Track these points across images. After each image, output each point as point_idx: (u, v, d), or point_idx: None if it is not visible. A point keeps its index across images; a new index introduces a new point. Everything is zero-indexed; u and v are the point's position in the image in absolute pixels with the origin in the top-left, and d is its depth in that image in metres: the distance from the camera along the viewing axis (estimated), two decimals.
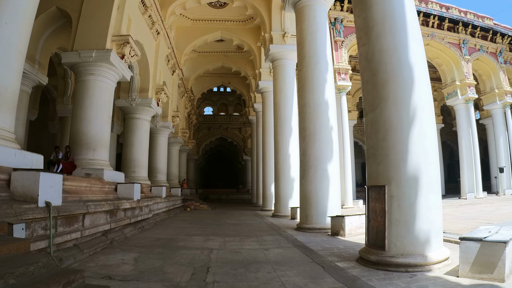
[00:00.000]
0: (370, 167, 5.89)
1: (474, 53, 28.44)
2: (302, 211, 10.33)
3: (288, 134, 15.61)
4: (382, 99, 5.74)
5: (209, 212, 18.74)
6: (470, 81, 27.36)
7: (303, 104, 10.82)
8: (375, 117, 5.81)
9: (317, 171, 10.02)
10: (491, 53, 29.32)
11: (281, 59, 16.74)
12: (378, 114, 5.74)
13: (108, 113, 11.27)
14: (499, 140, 28.77)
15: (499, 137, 28.78)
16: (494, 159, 29.74)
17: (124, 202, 9.01)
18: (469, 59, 28.12)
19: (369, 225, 5.90)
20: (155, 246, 7.49)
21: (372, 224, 5.75)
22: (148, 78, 15.75)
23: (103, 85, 11.12)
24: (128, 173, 14.84)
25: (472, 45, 28.62)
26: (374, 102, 5.89)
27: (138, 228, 9.76)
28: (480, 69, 29.81)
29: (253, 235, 9.25)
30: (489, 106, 29.53)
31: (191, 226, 11.41)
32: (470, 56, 28.22)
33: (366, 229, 6.03)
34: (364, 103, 6.26)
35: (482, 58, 29.02)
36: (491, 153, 30.85)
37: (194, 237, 8.70)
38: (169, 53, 19.23)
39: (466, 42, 28.25)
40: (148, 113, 15.78)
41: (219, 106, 43.17)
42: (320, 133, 10.25)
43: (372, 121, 5.89)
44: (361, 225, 9.20)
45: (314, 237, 8.65)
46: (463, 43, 28.18)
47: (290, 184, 15.22)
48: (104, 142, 10.85)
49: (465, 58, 27.91)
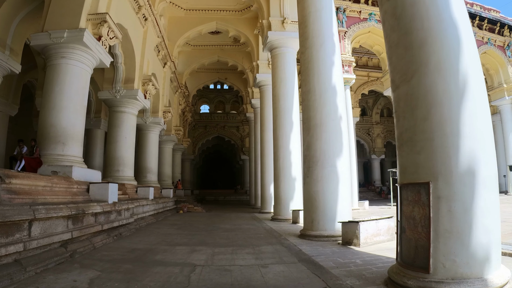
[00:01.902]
0: (405, 158, 4.38)
1: (481, 46, 27.15)
2: (306, 215, 8.83)
3: (289, 129, 14.13)
4: (420, 65, 4.25)
5: (203, 215, 17.22)
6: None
7: (307, 91, 9.33)
8: (411, 89, 4.31)
9: (325, 167, 8.52)
10: (499, 47, 28.04)
11: (280, 47, 15.26)
12: (416, 85, 4.25)
13: (82, 102, 9.78)
14: (508, 137, 27.33)
15: (508, 134, 27.34)
16: (502, 157, 28.23)
17: (94, 205, 7.51)
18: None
19: (402, 236, 4.41)
20: (126, 260, 5.99)
21: (408, 235, 4.25)
22: (134, 67, 14.23)
23: (76, 70, 9.64)
24: (112, 172, 13.34)
25: (480, 37, 27.41)
26: (408, 70, 4.39)
27: (113, 236, 8.25)
28: (487, 63, 28.47)
29: (249, 244, 7.74)
30: (497, 102, 28.11)
31: (177, 233, 9.89)
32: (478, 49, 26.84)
33: (398, 242, 4.53)
34: (393, 73, 4.77)
35: (490, 51, 27.77)
36: (499, 150, 29.33)
37: (178, 248, 7.18)
38: (159, 43, 17.72)
39: (473, 34, 26.87)
40: (134, 106, 14.26)
41: (216, 104, 41.58)
42: (327, 123, 8.76)
43: (406, 95, 4.40)
44: (378, 232, 7.73)
45: (323, 248, 7.15)
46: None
47: (291, 184, 13.72)
48: (76, 135, 9.34)
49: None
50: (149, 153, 18.31)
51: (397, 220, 4.59)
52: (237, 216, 16.43)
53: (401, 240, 4.45)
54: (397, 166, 4.65)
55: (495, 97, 28.25)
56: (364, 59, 32.73)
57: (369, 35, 23.89)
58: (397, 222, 4.58)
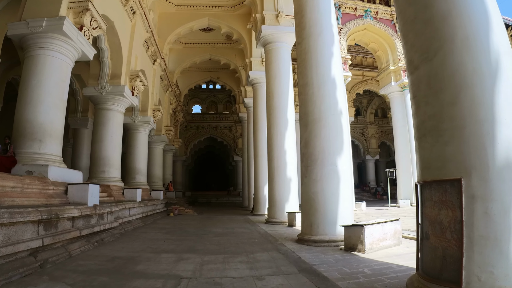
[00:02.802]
0: (428, 151, 3.73)
1: None
2: (305, 218, 8.14)
3: (284, 127, 13.45)
4: (444, 41, 3.61)
5: (194, 218, 16.45)
6: None
7: (304, 84, 8.67)
8: (434, 69, 3.67)
9: (324, 166, 7.85)
10: None
11: (274, 42, 14.59)
12: (440, 64, 3.61)
13: (62, 97, 9.01)
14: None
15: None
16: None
17: (70, 208, 6.76)
18: None
19: (423, 244, 3.76)
20: (102, 271, 5.26)
21: (432, 243, 3.59)
22: (121, 62, 13.47)
23: (56, 62, 8.90)
24: (97, 173, 12.56)
25: None
26: (430, 47, 3.75)
27: (93, 243, 7.49)
28: None
29: (242, 250, 7.03)
30: None
31: (165, 238, 9.14)
32: None
33: (418, 250, 3.88)
34: (410, 52, 4.12)
35: None
36: None
37: (163, 256, 6.45)
38: (148, 38, 16.97)
39: None
40: (121, 103, 13.48)
41: (208, 104, 40.77)
42: (327, 118, 8.09)
43: (428, 76, 3.75)
44: (384, 237, 7.08)
45: (324, 255, 6.48)
46: None
47: (286, 185, 13.03)
48: (54, 132, 8.57)
49: None
50: (138, 153, 17.53)
51: (417, 224, 3.95)
52: (230, 219, 15.71)
53: (423, 248, 3.80)
54: (417, 161, 3.99)
55: None
56: (359, 58, 32.23)
57: (364, 32, 23.38)
58: (418, 227, 3.93)
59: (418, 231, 3.95)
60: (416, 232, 4.00)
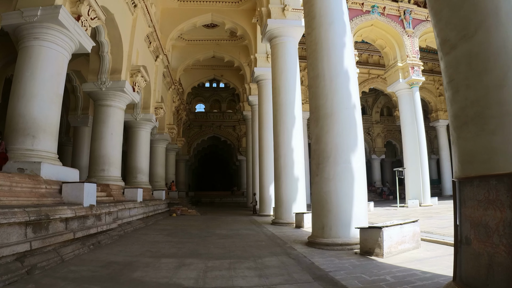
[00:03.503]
0: (471, 142, 3.17)
1: None
2: (316, 220, 7.58)
3: (291, 124, 12.89)
4: (487, 15, 3.07)
5: (197, 219, 15.93)
6: None
7: (314, 76, 8.12)
8: (476, 47, 3.12)
9: (338, 164, 7.29)
10: None
11: (280, 36, 14.05)
12: (482, 41, 3.07)
13: (57, 91, 8.53)
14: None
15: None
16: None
17: (63, 209, 6.24)
18: None
19: (463, 249, 3.24)
20: (95, 279, 4.74)
21: (475, 248, 3.04)
22: (122, 57, 12.96)
23: (51, 53, 8.45)
24: (96, 171, 12.07)
25: None
26: (469, 23, 3.21)
27: (89, 245, 6.97)
28: None
29: (249, 255, 6.49)
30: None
31: (166, 240, 8.61)
32: None
33: (456, 256, 3.34)
34: (445, 30, 3.56)
35: None
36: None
37: (163, 261, 5.92)
38: (150, 33, 16.46)
39: None
40: (121, 100, 12.98)
41: (211, 103, 40.23)
42: (340, 113, 7.53)
43: (469, 56, 3.20)
44: (402, 239, 6.52)
45: (339, 260, 5.93)
46: None
47: (293, 185, 12.48)
48: (49, 127, 8.09)
49: None
50: (139, 152, 17.04)
51: (455, 226, 3.40)
52: (234, 220, 15.18)
53: (462, 254, 3.27)
54: (455, 154, 3.44)
55: None
56: (365, 56, 31.61)
57: (371, 28, 22.79)
58: (456, 230, 3.39)
59: (456, 235, 3.41)
60: (455, 236, 3.45)
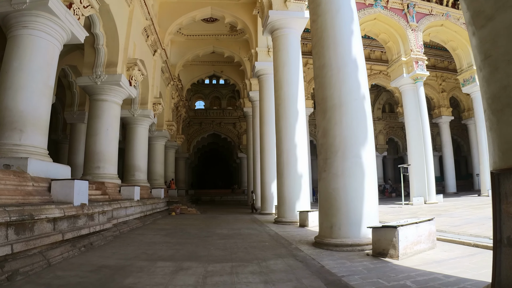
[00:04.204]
0: None
1: None
2: (324, 219, 7.08)
3: (294, 119, 12.37)
4: None
5: (197, 218, 15.44)
6: None
7: (321, 65, 7.61)
8: None
9: (347, 159, 6.79)
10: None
11: (282, 28, 13.52)
12: None
13: (47, 82, 8.00)
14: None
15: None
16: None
17: (50, 208, 5.74)
18: None
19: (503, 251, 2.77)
20: (83, 286, 4.25)
21: None
22: (118, 50, 12.45)
23: (41, 43, 7.94)
24: (91, 169, 11.59)
25: None
26: None
27: (79, 247, 6.47)
28: None
29: (253, 257, 5.99)
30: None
31: (164, 241, 8.11)
32: None
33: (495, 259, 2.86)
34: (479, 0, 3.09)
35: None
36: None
37: (159, 264, 5.42)
38: (148, 26, 15.94)
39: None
40: (117, 94, 12.47)
41: (211, 99, 39.72)
42: (349, 104, 7.03)
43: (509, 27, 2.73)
44: (418, 240, 6.03)
45: (351, 262, 5.43)
46: None
47: (297, 182, 11.98)
48: (38, 121, 7.58)
49: None
50: (137, 149, 16.54)
51: (494, 225, 2.91)
52: (235, 219, 14.69)
53: (503, 257, 2.78)
54: (493, 142, 2.95)
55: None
56: (366, 51, 31.02)
57: (374, 22, 22.28)
58: (495, 229, 2.89)
59: (496, 234, 2.93)
60: (493, 237, 2.97)
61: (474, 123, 34.18)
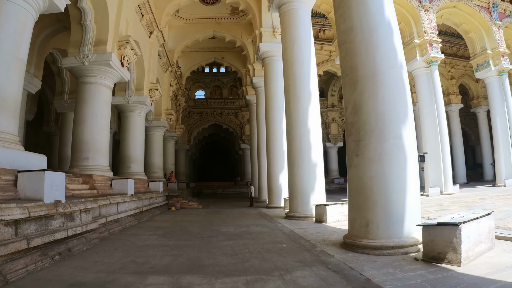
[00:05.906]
0: None
1: (504, 19, 24.57)
2: (356, 215, 5.72)
3: (307, 100, 10.99)
4: None
5: (199, 213, 14.13)
6: (504, 50, 23.45)
7: (347, 29, 6.24)
8: None
9: (385, 140, 5.44)
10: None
11: (291, 2, 12.08)
12: None
13: (16, 54, 6.68)
14: None
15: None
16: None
17: (8, 208, 4.42)
18: (500, 24, 24.63)
19: None
20: None
21: None
22: (107, 26, 11.05)
23: (10, 8, 6.80)
24: (78, 160, 10.28)
25: (502, 10, 24.82)
26: None
27: (53, 256, 5.15)
28: (509, 38, 25.57)
29: (271, 266, 4.66)
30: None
31: (160, 243, 6.77)
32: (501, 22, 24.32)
33: None
34: None
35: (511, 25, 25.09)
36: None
37: (151, 280, 4.10)
38: (143, 4, 14.51)
39: (496, 6, 24.55)
40: (107, 76, 11.09)
41: (212, 89, 38.16)
42: (385, 73, 5.67)
43: None
44: (479, 239, 4.77)
45: (401, 271, 4.13)
46: (493, 7, 24.65)
47: (311, 172, 10.65)
48: (3, 100, 6.24)
49: (496, 23, 24.47)
50: (133, 139, 15.22)
51: None
52: (241, 213, 13.38)
53: None
54: None
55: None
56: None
57: None
58: None
59: None
60: None
61: (484, 111, 32.83)
